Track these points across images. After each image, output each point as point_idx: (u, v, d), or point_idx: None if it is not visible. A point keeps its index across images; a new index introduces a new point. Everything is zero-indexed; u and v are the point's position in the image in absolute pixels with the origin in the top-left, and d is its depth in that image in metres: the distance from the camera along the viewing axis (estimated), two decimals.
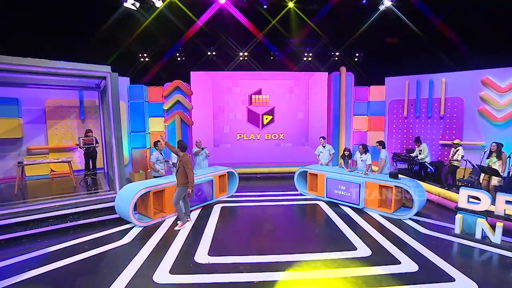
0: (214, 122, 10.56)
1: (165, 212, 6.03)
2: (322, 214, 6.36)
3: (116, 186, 6.42)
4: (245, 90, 10.50)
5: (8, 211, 5.33)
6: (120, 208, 5.60)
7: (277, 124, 10.69)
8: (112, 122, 6.29)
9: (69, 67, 5.75)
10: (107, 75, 6.16)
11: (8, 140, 8.07)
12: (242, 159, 10.47)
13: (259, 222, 5.95)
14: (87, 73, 6.01)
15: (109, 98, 6.23)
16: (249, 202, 7.25)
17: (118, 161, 6.44)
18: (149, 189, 5.64)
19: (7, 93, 7.94)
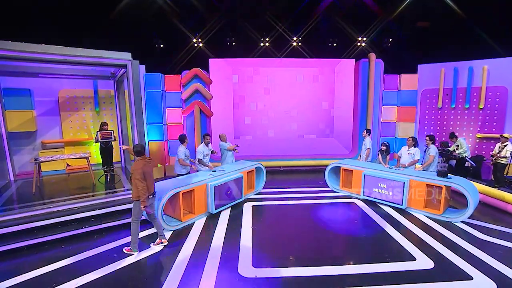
0: (234, 113, 9.96)
1: (195, 214, 5.54)
2: (363, 215, 5.83)
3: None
4: (267, 78, 9.81)
5: (28, 213, 4.84)
6: None
7: (301, 115, 10.05)
8: (134, 115, 5.74)
9: (88, 55, 5.14)
10: (127, 63, 5.56)
11: (22, 134, 7.58)
12: (263, 152, 9.91)
13: (298, 224, 5.43)
14: (107, 61, 5.42)
15: (130, 89, 5.65)
16: (279, 200, 6.73)
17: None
18: (178, 189, 5.13)
19: (19, 83, 7.36)
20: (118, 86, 7.95)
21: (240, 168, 6.61)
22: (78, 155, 6.41)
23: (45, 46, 4.83)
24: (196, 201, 5.50)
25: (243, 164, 7.00)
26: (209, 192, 5.62)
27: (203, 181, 5.59)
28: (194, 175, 6.06)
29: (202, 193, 5.58)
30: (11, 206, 5.14)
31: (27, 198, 5.61)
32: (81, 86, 8.18)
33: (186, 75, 9.15)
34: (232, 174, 6.27)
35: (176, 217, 5.33)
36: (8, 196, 5.77)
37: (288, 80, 9.81)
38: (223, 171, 6.29)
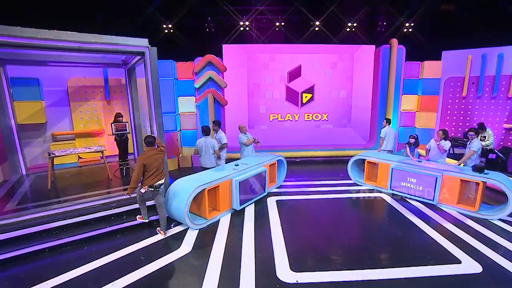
0: (249, 102, 9.54)
1: (219, 210, 5.26)
2: (393, 211, 5.55)
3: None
4: (283, 66, 9.33)
5: (46, 212, 4.56)
6: (172, 208, 4.82)
7: (317, 103, 9.64)
8: (152, 106, 5.35)
9: (103, 42, 4.68)
10: (145, 50, 5.11)
11: (31, 126, 7.19)
12: (278, 142, 9.57)
13: (327, 221, 5.17)
14: (123, 48, 4.95)
15: (149, 78, 5.22)
16: (302, 194, 6.45)
17: None
18: (204, 186, 4.81)
19: (26, 72, 6.90)
20: (129, 75, 7.48)
21: (262, 162, 6.29)
22: (93, 148, 6.08)
23: (57, 32, 4.36)
24: (221, 197, 5.22)
25: (264, 157, 6.69)
26: (234, 187, 5.34)
27: (227, 176, 5.29)
28: (216, 169, 5.76)
29: (226, 189, 5.29)
30: (28, 205, 4.86)
31: (43, 195, 5.33)
32: (91, 75, 7.73)
33: (199, 62, 8.66)
34: (256, 168, 5.97)
35: (201, 215, 5.05)
36: (23, 193, 5.48)
37: (305, 67, 9.32)
38: (246, 164, 5.98)
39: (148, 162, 4.38)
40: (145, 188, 4.39)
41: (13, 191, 5.61)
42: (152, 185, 4.41)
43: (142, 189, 4.42)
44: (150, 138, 4.55)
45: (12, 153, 6.66)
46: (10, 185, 5.96)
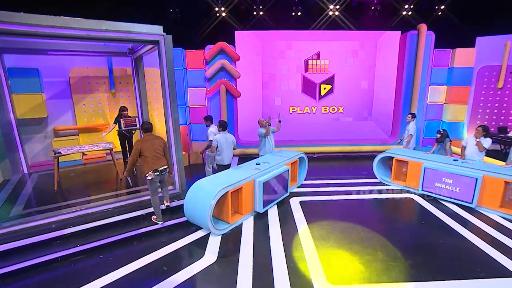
0: (263, 93, 9.28)
1: (242, 213, 5.09)
2: (427, 214, 5.36)
3: (176, 182, 5.46)
4: (301, 54, 9.02)
5: (56, 218, 4.41)
6: (193, 213, 4.65)
7: (337, 95, 9.36)
8: (168, 100, 5.14)
9: (116, 29, 4.41)
10: (160, 38, 4.84)
11: (31, 121, 6.98)
12: (294, 136, 9.35)
13: (358, 225, 4.97)
14: (136, 37, 4.69)
15: (164, 70, 4.98)
16: (326, 194, 6.27)
17: (177, 151, 5.37)
18: (227, 188, 4.62)
19: (24, 62, 6.65)
20: (136, 64, 7.21)
21: (284, 160, 6.09)
22: (102, 146, 5.88)
23: (64, 19, 4.09)
24: (244, 199, 5.04)
25: (286, 154, 6.48)
26: (257, 189, 5.16)
27: (250, 177, 5.09)
28: (236, 169, 5.57)
29: (249, 191, 5.11)
30: (34, 209, 4.70)
31: (50, 198, 5.19)
32: (94, 64, 7.47)
33: (210, 50, 8.36)
34: (278, 167, 5.77)
35: (223, 219, 4.88)
36: (27, 195, 5.33)
37: (324, 55, 9.00)
38: (268, 163, 5.79)
39: (144, 146, 4.60)
40: (151, 174, 4.57)
41: (17, 193, 5.46)
42: (156, 169, 4.60)
43: (148, 176, 4.59)
44: (147, 124, 4.87)
45: (12, 150, 6.48)
46: (12, 186, 5.81)
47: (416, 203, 5.87)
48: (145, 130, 4.81)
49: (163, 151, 4.77)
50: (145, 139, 4.70)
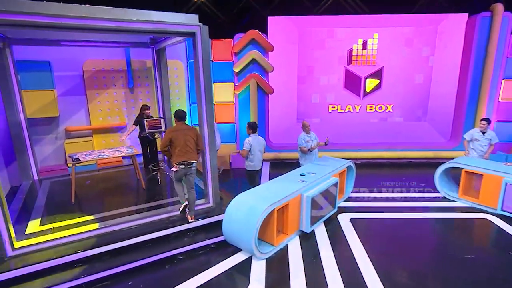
0: (299, 89, 9.04)
1: (287, 233, 4.89)
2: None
3: (209, 195, 5.31)
4: (344, 43, 8.70)
5: (77, 236, 4.32)
6: (234, 233, 4.49)
7: (385, 91, 8.98)
8: (204, 102, 5.01)
9: (147, 20, 4.27)
10: (196, 29, 4.68)
11: (42, 120, 7.00)
12: (334, 139, 8.97)
13: (426, 252, 4.69)
14: (170, 28, 4.54)
15: (200, 66, 4.86)
16: (379, 210, 5.99)
17: (212, 158, 5.22)
18: (274, 206, 4.43)
19: (35, 54, 6.65)
20: (158, 56, 7.13)
21: (332, 170, 5.84)
22: (124, 151, 5.81)
23: (89, 8, 3.98)
24: (290, 217, 4.84)
25: (332, 163, 6.24)
26: (304, 205, 4.94)
27: (297, 191, 4.88)
28: (279, 181, 5.37)
29: (296, 207, 4.91)
30: (52, 225, 4.63)
31: (67, 212, 5.13)
32: (110, 56, 7.44)
33: (240, 40, 8.16)
34: (326, 179, 5.53)
35: (267, 240, 4.69)
36: (41, 207, 5.31)
37: (372, 44, 8.65)
38: (314, 174, 5.56)
39: (175, 136, 4.73)
40: (176, 166, 4.71)
41: (30, 204, 5.46)
42: (183, 161, 4.69)
43: (173, 168, 4.75)
44: (181, 112, 4.99)
45: (22, 153, 6.52)
46: (23, 196, 5.83)
47: (493, 225, 5.48)
48: (179, 118, 4.91)
49: (195, 144, 4.88)
50: (177, 128, 4.83)
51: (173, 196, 5.60)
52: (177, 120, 4.95)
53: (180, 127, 4.85)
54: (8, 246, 3.92)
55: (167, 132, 4.84)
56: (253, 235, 4.22)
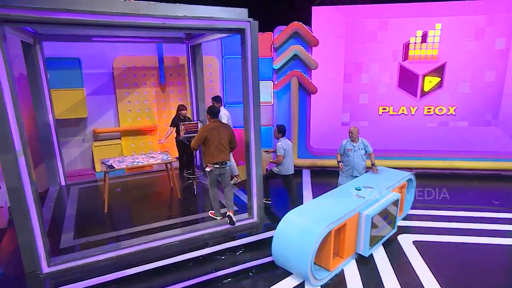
0: (345, 88, 8.82)
1: (343, 257, 4.75)
2: None
3: (253, 209, 5.25)
4: (399, 36, 8.38)
5: (115, 253, 4.36)
6: (285, 256, 4.40)
7: (447, 91, 8.57)
8: (251, 105, 5.02)
9: (194, 16, 4.24)
10: (246, 25, 4.63)
11: (69, 121, 7.21)
12: (384, 145, 8.76)
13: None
14: (217, 25, 4.51)
15: (249, 66, 4.86)
16: (446, 232, 5.71)
17: (257, 167, 5.17)
18: (331, 226, 4.28)
19: (64, 50, 6.86)
20: (193, 53, 7.16)
21: (392, 183, 5.62)
22: (159, 157, 5.88)
23: (134, 3, 4.00)
24: (347, 239, 4.69)
25: (390, 176, 6.03)
26: (363, 225, 4.78)
27: (355, 209, 4.70)
28: (331, 196, 5.22)
29: (353, 228, 4.75)
30: (87, 239, 4.71)
31: (101, 224, 5.27)
32: (142, 52, 7.57)
33: (281, 33, 8.06)
34: (386, 194, 5.32)
35: (321, 264, 4.56)
36: (73, 217, 5.45)
37: (432, 36, 8.28)
38: (371, 188, 5.36)
39: (210, 135, 4.94)
40: (210, 166, 4.99)
41: (60, 214, 5.62)
42: (217, 161, 4.96)
43: (207, 167, 5.04)
44: (214, 108, 5.29)
45: (50, 157, 6.72)
46: (52, 204, 6.01)
47: None
48: (212, 115, 5.13)
49: (229, 143, 5.13)
50: (212, 126, 5.03)
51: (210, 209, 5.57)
52: (211, 117, 5.16)
53: (215, 125, 5.05)
54: (43, 262, 4.00)
55: (202, 130, 5.04)
56: (308, 260, 4.10)
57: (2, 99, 3.34)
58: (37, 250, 3.93)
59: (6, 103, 3.37)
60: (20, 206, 3.70)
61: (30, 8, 3.39)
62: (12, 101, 3.42)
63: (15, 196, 3.67)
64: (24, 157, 3.60)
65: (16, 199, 3.68)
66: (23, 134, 3.57)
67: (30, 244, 3.86)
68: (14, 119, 3.46)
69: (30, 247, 3.87)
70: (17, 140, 3.52)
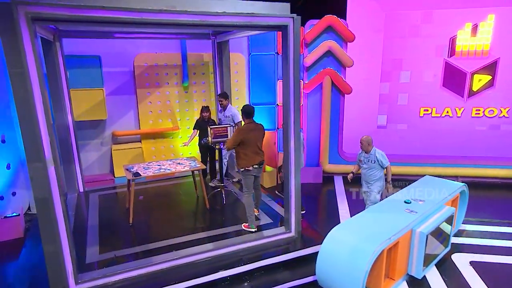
0: (382, 87, 8.73)
1: (394, 279, 4.59)
2: None
3: (291, 221, 5.13)
4: (445, 29, 8.24)
5: (148, 269, 4.29)
6: (333, 279, 4.26)
7: (500, 91, 8.37)
8: (292, 109, 4.84)
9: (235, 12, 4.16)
10: (289, 22, 4.51)
11: (88, 123, 7.25)
12: (425, 150, 8.64)
13: None
14: (260, 21, 4.38)
15: (290, 66, 4.70)
16: (507, 251, 5.45)
17: (296, 175, 5.03)
18: (384, 245, 4.13)
19: (84, 48, 6.89)
20: (220, 50, 7.08)
21: (445, 196, 5.43)
22: (187, 164, 5.84)
23: None
24: (399, 259, 4.53)
25: (441, 187, 5.79)
26: (416, 243, 4.62)
27: (408, 226, 4.54)
28: (377, 211, 5.06)
29: (405, 247, 4.60)
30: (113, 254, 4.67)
31: (126, 236, 5.26)
32: (164, 49, 7.55)
33: (314, 27, 7.95)
34: (439, 209, 5.13)
35: (370, 287, 4.40)
36: (95, 229, 5.42)
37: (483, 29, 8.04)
38: (422, 201, 5.19)
39: (247, 137, 5.07)
40: (249, 166, 5.14)
41: (82, 225, 5.62)
42: (254, 164, 5.14)
43: (242, 169, 5.18)
44: (250, 108, 5.34)
45: (69, 161, 6.75)
46: (73, 213, 6.01)
47: None
48: (248, 115, 5.23)
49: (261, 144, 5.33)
50: (249, 127, 5.17)
51: (242, 221, 5.48)
52: (246, 117, 5.25)
53: (252, 126, 5.19)
54: (71, 278, 3.94)
55: (238, 132, 5.18)
56: (360, 283, 3.95)
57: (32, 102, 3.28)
58: (64, 266, 3.88)
59: (36, 106, 3.33)
60: (47, 218, 3.62)
61: (63, 5, 3.34)
62: (43, 105, 3.38)
63: (43, 207, 3.60)
64: (54, 166, 3.56)
65: (43, 211, 3.61)
66: (53, 141, 3.54)
67: (57, 259, 3.79)
68: (44, 125, 3.42)
69: (57, 262, 3.80)
70: (47, 147, 3.48)
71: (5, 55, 3.20)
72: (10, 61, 3.20)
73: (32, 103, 3.30)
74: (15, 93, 3.27)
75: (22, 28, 3.17)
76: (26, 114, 3.31)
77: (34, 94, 3.30)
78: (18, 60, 3.19)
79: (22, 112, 3.31)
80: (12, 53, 3.18)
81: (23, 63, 3.19)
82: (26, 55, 3.20)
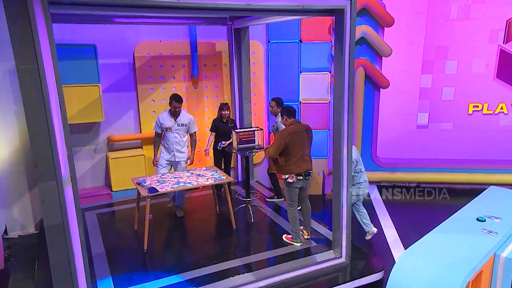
0: (423, 80, 8.62)
1: None
2: None
3: (342, 244, 4.96)
4: (500, 10, 8.14)
5: None
6: None
7: None
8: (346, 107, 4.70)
9: None
10: (346, 5, 4.37)
11: (78, 126, 6.93)
12: (474, 154, 8.61)
13: None
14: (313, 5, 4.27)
15: (346, 56, 4.57)
16: None
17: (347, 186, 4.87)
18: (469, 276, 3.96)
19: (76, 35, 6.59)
20: (239, 38, 6.91)
21: None
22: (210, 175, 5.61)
23: None
24: None
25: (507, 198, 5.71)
26: (500, 271, 4.47)
27: (490, 251, 4.38)
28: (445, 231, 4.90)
29: (488, 276, 4.44)
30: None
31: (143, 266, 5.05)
32: (170, 36, 7.29)
33: None
34: None
35: None
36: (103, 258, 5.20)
37: None
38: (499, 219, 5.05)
39: (290, 141, 4.92)
40: (293, 177, 4.98)
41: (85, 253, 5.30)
42: (300, 173, 4.98)
43: (289, 178, 5.01)
44: (291, 107, 5.32)
45: None
46: None
47: None
48: (290, 114, 5.16)
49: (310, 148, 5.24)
50: (294, 129, 5.04)
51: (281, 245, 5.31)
52: (288, 117, 5.16)
53: (296, 127, 5.08)
54: None
55: (282, 135, 5.00)
56: None
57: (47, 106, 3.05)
58: None
59: (52, 112, 3.09)
60: (61, 251, 3.39)
61: None
62: (61, 111, 3.16)
63: (55, 237, 3.37)
64: (71, 186, 3.32)
65: (56, 242, 3.38)
66: (71, 154, 3.29)
67: None
68: (61, 135, 3.19)
69: None
70: (64, 162, 3.26)
71: (12, 48, 2.95)
72: (19, 54, 2.96)
73: (46, 107, 3.06)
74: (25, 95, 3.03)
75: (37, 14, 2.95)
76: (37, 121, 3.07)
77: (50, 96, 3.06)
78: (30, 53, 2.96)
79: (33, 119, 3.07)
80: (22, 45, 2.95)
81: (37, 57, 2.97)
82: (41, 47, 2.99)
